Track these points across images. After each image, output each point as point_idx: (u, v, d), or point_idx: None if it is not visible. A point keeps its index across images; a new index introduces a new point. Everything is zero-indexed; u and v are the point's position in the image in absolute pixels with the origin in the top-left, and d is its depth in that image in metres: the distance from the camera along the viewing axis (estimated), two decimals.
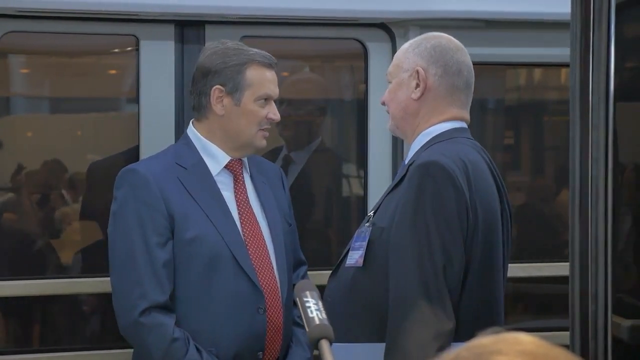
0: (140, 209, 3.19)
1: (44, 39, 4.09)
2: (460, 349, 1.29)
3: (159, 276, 3.17)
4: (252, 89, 3.29)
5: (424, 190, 2.70)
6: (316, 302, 2.13)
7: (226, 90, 3.28)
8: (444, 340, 2.65)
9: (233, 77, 3.27)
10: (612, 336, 2.77)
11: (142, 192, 3.21)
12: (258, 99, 3.29)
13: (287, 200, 3.51)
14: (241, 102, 3.28)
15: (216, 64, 3.29)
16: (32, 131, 4.29)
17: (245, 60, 3.28)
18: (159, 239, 3.19)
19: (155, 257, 3.17)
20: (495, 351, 1.26)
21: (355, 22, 4.20)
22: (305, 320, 2.10)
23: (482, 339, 1.29)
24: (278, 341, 3.32)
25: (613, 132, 2.76)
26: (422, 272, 2.67)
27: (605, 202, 2.76)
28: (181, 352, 3.16)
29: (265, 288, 3.27)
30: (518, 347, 1.26)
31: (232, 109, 3.29)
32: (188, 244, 3.21)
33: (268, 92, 3.30)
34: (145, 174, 3.23)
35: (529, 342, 1.28)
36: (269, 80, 3.31)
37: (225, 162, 3.33)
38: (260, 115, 3.30)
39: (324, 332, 2.05)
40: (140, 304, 3.16)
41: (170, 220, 3.20)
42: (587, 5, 2.78)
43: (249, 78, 3.28)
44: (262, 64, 3.30)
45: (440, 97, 2.90)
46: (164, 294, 3.18)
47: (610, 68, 2.75)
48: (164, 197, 3.20)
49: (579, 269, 2.79)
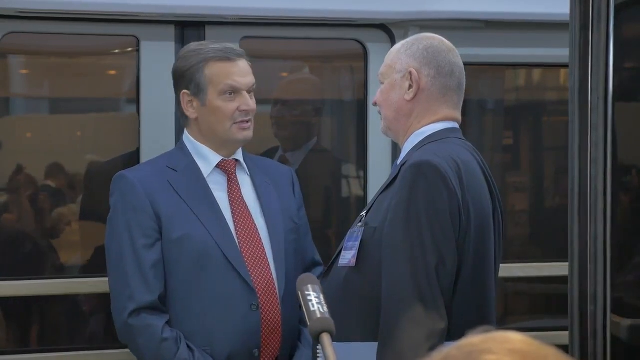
0: (128, 213, 3.26)
1: (44, 40, 4.09)
2: (450, 348, 1.29)
3: (147, 277, 3.22)
4: (213, 85, 3.30)
5: (417, 190, 2.71)
6: (318, 295, 2.13)
7: (191, 93, 3.32)
8: (437, 339, 2.65)
9: (194, 79, 3.31)
10: (611, 336, 2.78)
11: (129, 197, 3.27)
12: (221, 93, 3.31)
13: (298, 202, 3.52)
14: (206, 100, 3.31)
15: (179, 69, 3.36)
16: (33, 132, 4.29)
17: (200, 60, 3.31)
18: (146, 240, 3.24)
19: (142, 258, 3.22)
20: (485, 350, 1.26)
21: (355, 23, 4.20)
22: (307, 313, 2.10)
23: (471, 338, 1.29)
24: (276, 339, 3.33)
25: (612, 132, 2.76)
26: (414, 272, 2.68)
27: (605, 202, 2.77)
28: (171, 352, 3.20)
29: (259, 285, 3.28)
30: (508, 346, 1.26)
31: (201, 110, 3.33)
32: (176, 244, 3.25)
33: (230, 83, 3.31)
34: (133, 179, 3.30)
35: (519, 340, 1.28)
36: (230, 73, 3.32)
37: (216, 162, 3.36)
38: (228, 109, 3.31)
39: (325, 326, 2.05)
40: (129, 305, 3.22)
41: (158, 221, 3.25)
42: (586, 6, 2.79)
43: (208, 75, 3.30)
44: (218, 58, 3.31)
45: (433, 97, 2.91)
46: (151, 295, 3.22)
47: (609, 68, 2.76)
48: (151, 200, 3.25)
49: (578, 269, 2.80)
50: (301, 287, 2.14)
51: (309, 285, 2.14)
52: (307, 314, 2.08)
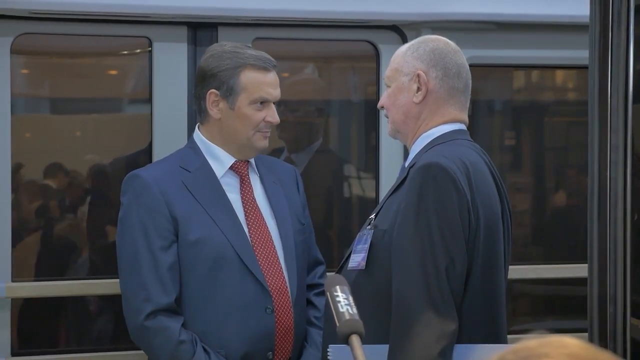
0: (143, 213, 3.22)
1: (56, 41, 4.09)
2: (505, 352, 1.29)
3: (163, 279, 3.19)
4: (247, 93, 3.28)
5: (426, 192, 2.70)
6: (347, 296, 2.10)
7: (221, 94, 3.29)
8: (448, 341, 2.65)
9: (227, 81, 3.27)
10: (631, 338, 2.78)
11: (144, 197, 3.24)
12: (253, 102, 3.29)
13: (302, 201, 3.51)
14: (235, 105, 3.29)
15: (211, 68, 3.30)
16: (43, 131, 4.29)
17: (240, 64, 3.28)
18: (162, 242, 3.21)
19: (159, 260, 3.20)
20: (542, 354, 1.26)
21: (367, 24, 4.20)
22: (336, 315, 2.07)
23: (527, 342, 1.29)
24: (289, 341, 3.32)
25: (632, 134, 2.76)
26: (424, 274, 2.67)
27: (624, 205, 2.77)
28: (188, 354, 3.18)
29: (273, 288, 3.28)
30: (565, 351, 1.26)
31: (227, 113, 3.30)
32: (192, 246, 3.23)
33: (264, 95, 3.30)
34: (147, 179, 3.26)
35: (575, 345, 1.28)
36: (265, 84, 3.30)
37: (230, 164, 3.34)
38: (255, 118, 3.30)
39: (354, 328, 2.02)
40: (146, 307, 3.18)
41: (174, 223, 3.22)
42: (605, 7, 2.78)
43: (243, 82, 3.27)
44: (257, 67, 3.29)
45: (441, 99, 2.90)
46: (168, 297, 3.20)
47: (629, 70, 2.76)
48: (167, 201, 3.22)
49: (597, 271, 2.79)
50: (329, 289, 2.12)
51: (337, 286, 2.11)
52: (336, 315, 2.05)
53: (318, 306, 3.44)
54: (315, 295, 3.48)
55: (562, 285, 4.54)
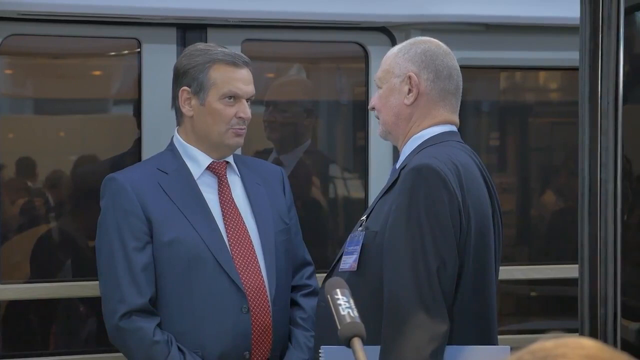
0: (119, 215, 3.26)
1: (46, 42, 4.08)
2: (523, 352, 1.29)
3: (137, 280, 3.22)
4: (216, 88, 3.31)
5: (417, 193, 2.71)
6: (347, 299, 2.10)
7: (192, 91, 3.32)
8: (439, 342, 2.66)
9: (197, 77, 3.31)
10: (622, 339, 2.79)
11: (120, 199, 3.27)
12: (222, 97, 3.31)
13: (288, 201, 3.52)
14: (206, 101, 3.32)
15: (183, 66, 3.35)
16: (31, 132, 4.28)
17: (209, 60, 3.31)
18: (136, 243, 3.24)
19: (133, 261, 3.23)
20: (559, 355, 1.26)
21: (356, 26, 4.20)
22: (337, 318, 2.08)
23: (544, 343, 1.29)
24: (267, 341, 3.33)
25: (622, 136, 2.77)
26: (416, 275, 2.68)
27: (615, 206, 2.78)
28: (162, 354, 3.20)
29: (249, 287, 3.29)
30: (582, 352, 1.26)
31: (198, 109, 3.33)
32: (167, 247, 3.25)
33: (233, 89, 3.32)
34: (123, 181, 3.30)
35: (592, 346, 1.28)
36: (234, 79, 3.32)
37: (207, 164, 3.37)
38: (226, 114, 3.32)
39: (356, 330, 2.02)
40: (120, 308, 3.22)
41: (148, 224, 3.25)
42: (596, 9, 2.79)
43: (213, 76, 3.31)
44: (226, 62, 3.32)
45: (432, 101, 2.91)
46: (142, 297, 3.22)
47: (619, 72, 2.77)
48: (142, 202, 3.25)
49: (588, 272, 2.80)
50: (330, 291, 2.12)
51: (338, 289, 2.12)
52: (337, 318, 2.06)
53: (305, 307, 3.45)
54: (302, 296, 3.48)
55: (548, 286, 4.55)
